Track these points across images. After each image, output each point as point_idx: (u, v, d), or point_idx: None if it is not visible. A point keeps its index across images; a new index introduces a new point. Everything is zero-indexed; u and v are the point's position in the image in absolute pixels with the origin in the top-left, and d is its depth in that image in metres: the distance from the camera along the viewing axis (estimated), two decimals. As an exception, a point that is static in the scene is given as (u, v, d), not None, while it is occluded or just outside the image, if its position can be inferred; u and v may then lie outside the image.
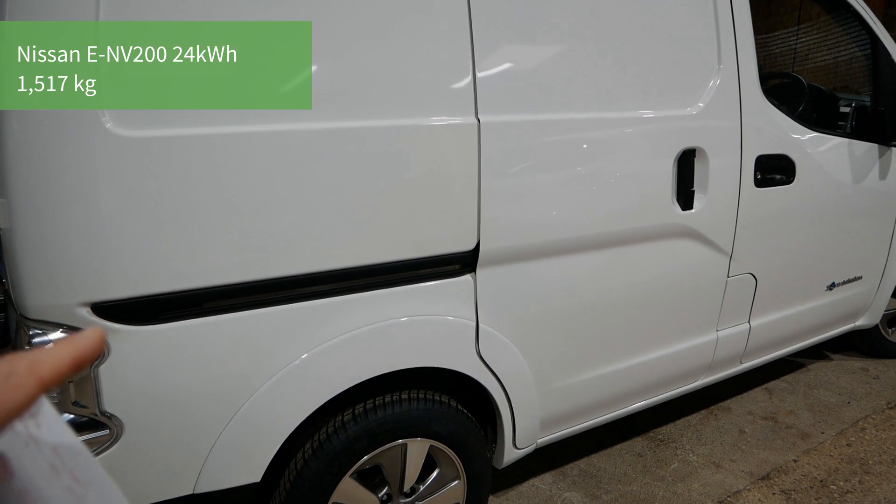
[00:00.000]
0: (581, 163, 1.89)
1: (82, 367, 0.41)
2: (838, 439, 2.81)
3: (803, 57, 6.30)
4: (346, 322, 1.62)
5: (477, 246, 1.74)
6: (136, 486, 1.49)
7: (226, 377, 1.51)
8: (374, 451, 1.74)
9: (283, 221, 1.48)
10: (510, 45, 1.75)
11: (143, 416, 1.44)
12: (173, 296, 1.41)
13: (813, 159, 2.52)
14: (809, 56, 6.25)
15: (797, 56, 6.35)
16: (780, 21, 6.44)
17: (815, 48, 6.15)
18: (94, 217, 1.30)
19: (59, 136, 1.26)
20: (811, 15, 6.07)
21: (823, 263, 2.80)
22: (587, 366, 2.14)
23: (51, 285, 1.32)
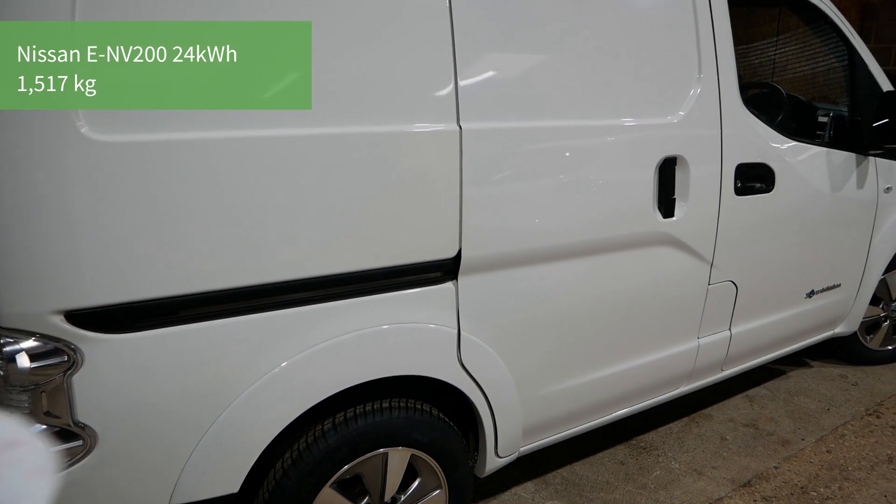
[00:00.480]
0: (563, 170, 1.89)
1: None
2: (818, 446, 2.83)
3: (782, 67, 6.40)
4: (327, 330, 1.60)
5: (458, 253, 1.73)
6: (108, 500, 1.46)
7: (203, 387, 1.48)
8: (355, 461, 1.72)
9: (265, 228, 1.46)
10: (492, 53, 1.75)
11: (117, 427, 1.41)
12: (150, 303, 1.38)
13: (792, 168, 2.55)
14: (788, 66, 6.36)
15: (776, 66, 6.45)
16: (760, 32, 6.54)
17: (794, 59, 6.26)
18: (66, 222, 1.28)
19: (30, 139, 1.23)
20: (789, 26, 6.18)
21: (803, 271, 2.84)
22: (569, 373, 2.14)
23: (22, 292, 1.29)
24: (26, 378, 1.32)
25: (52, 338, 1.32)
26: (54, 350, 1.33)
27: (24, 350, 1.31)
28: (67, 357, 1.34)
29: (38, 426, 1.36)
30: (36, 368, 1.32)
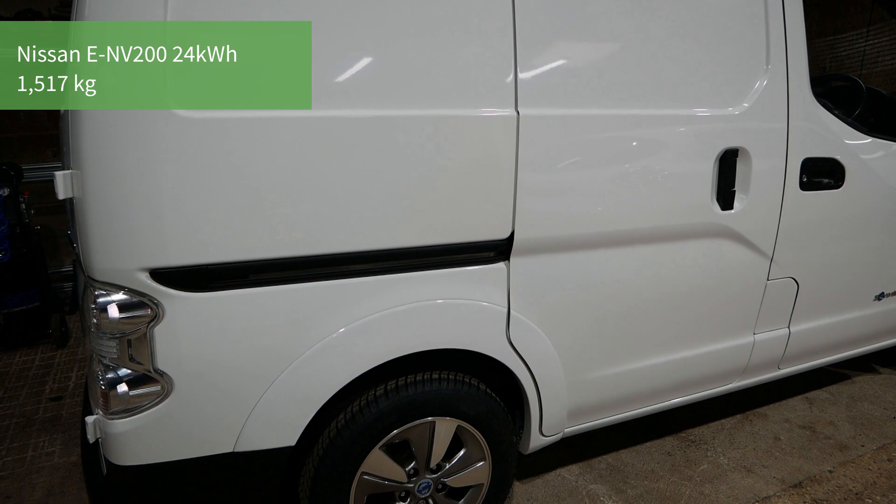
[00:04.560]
0: (617, 158, 1.91)
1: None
2: (879, 454, 2.74)
3: (872, 60, 6.06)
4: (385, 300, 1.70)
5: (511, 235, 1.79)
6: (180, 440, 1.61)
7: (268, 344, 1.61)
8: (404, 426, 1.82)
9: (332, 202, 1.57)
10: (552, 41, 1.78)
11: (191, 376, 1.56)
12: (224, 266, 1.52)
13: (865, 165, 2.46)
14: (878, 59, 6.01)
15: (865, 58, 6.10)
16: (850, 22, 6.20)
17: (886, 51, 5.90)
18: (155, 190, 1.42)
19: (126, 116, 1.38)
20: (883, 16, 5.83)
21: (872, 272, 2.73)
22: (618, 359, 2.17)
23: (115, 250, 1.45)
24: (115, 327, 1.48)
25: (138, 292, 1.48)
26: (140, 303, 1.48)
27: (115, 302, 1.47)
28: (151, 310, 1.49)
29: (124, 370, 1.52)
30: (124, 318, 1.48)
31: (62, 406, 3.09)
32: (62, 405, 3.10)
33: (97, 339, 1.53)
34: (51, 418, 2.99)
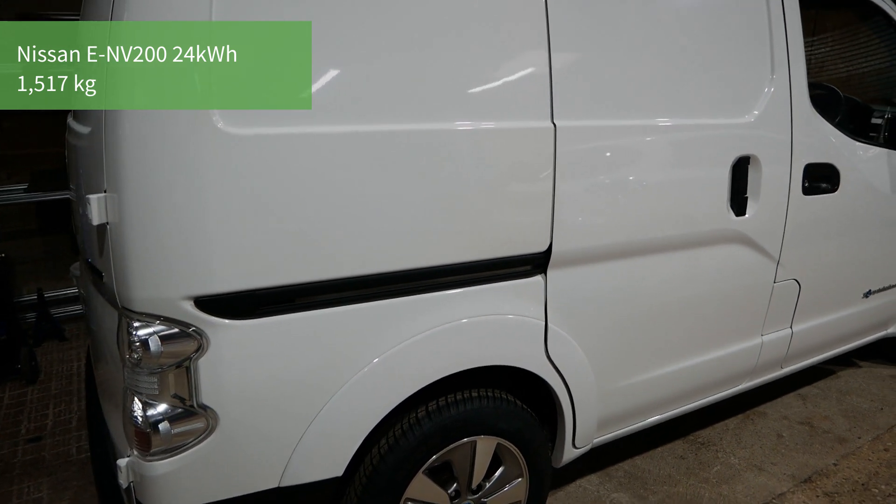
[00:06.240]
0: (649, 167, 1.94)
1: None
2: (875, 444, 2.84)
3: (815, 70, 6.37)
4: (429, 319, 1.65)
5: (549, 247, 1.78)
6: (223, 479, 1.51)
7: (314, 373, 1.54)
8: (447, 448, 1.77)
9: (376, 220, 1.51)
10: (584, 55, 1.79)
11: (236, 410, 1.47)
12: (271, 291, 1.44)
13: (856, 168, 2.57)
14: (822, 69, 6.32)
15: (810, 69, 6.41)
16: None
17: (831, 60, 6.22)
18: (199, 212, 1.33)
19: (170, 134, 1.29)
20: (826, 27, 6.15)
21: (861, 271, 2.85)
22: (644, 367, 2.18)
23: (157, 278, 1.35)
24: (157, 361, 1.38)
25: (181, 322, 1.38)
26: (183, 334, 1.39)
27: (156, 333, 1.38)
28: (195, 341, 1.40)
29: (165, 407, 1.42)
30: (167, 352, 1.38)
31: (43, 447, 2.88)
32: (43, 446, 2.89)
33: (134, 374, 1.42)
34: (32, 461, 2.78)
